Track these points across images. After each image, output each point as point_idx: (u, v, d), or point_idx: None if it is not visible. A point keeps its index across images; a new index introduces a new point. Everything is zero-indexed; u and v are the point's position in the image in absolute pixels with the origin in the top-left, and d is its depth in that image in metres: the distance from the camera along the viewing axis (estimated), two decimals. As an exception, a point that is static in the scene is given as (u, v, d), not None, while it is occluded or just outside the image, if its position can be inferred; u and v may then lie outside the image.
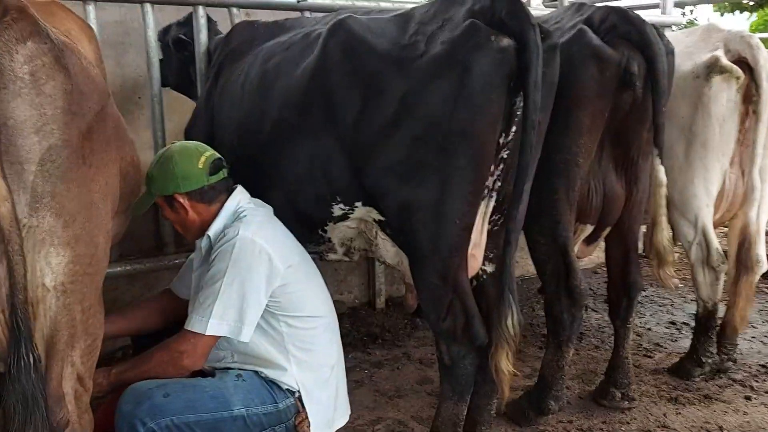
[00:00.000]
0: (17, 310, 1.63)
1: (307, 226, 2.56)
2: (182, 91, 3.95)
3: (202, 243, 2.26)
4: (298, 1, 3.52)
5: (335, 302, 4.32)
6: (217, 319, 2.07)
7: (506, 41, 2.15)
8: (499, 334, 2.23)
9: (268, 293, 2.14)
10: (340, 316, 4.20)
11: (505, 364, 2.22)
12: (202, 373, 2.21)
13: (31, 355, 1.66)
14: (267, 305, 2.16)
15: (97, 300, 1.89)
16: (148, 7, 3.37)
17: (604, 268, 4.02)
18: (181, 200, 2.22)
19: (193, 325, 2.08)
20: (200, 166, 2.22)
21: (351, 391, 3.29)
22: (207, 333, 2.06)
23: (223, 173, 2.29)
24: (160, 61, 3.57)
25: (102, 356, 1.94)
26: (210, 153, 2.28)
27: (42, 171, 1.64)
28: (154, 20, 3.41)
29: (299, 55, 2.48)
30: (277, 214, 2.43)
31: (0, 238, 1.58)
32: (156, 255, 3.72)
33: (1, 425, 1.67)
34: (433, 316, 2.37)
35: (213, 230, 2.23)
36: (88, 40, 2.16)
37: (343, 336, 3.23)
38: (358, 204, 2.44)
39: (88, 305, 1.83)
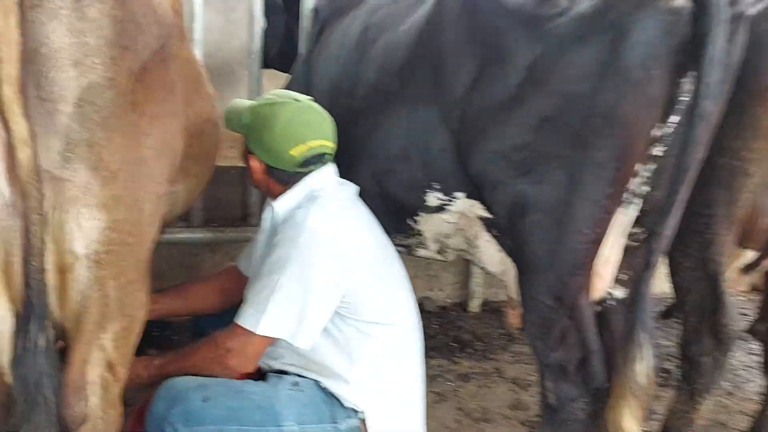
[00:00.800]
0: (32, 281, 1.35)
1: (394, 214, 2.17)
2: (284, 67, 3.60)
3: (266, 214, 1.92)
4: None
5: (423, 299, 4.00)
6: (272, 317, 1.73)
7: (680, 1, 1.64)
8: (624, 382, 1.75)
9: (338, 294, 1.78)
10: (427, 316, 3.88)
11: (629, 423, 1.73)
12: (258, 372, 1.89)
13: (42, 336, 1.38)
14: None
15: (139, 276, 1.60)
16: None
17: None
18: (256, 164, 1.89)
19: (245, 319, 1.75)
20: (293, 153, 1.85)
21: (431, 405, 2.92)
22: (258, 332, 1.73)
23: (315, 167, 1.93)
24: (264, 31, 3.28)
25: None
26: (318, 143, 1.89)
27: (78, 114, 1.35)
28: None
29: (409, 8, 2.08)
30: (362, 195, 2.06)
31: (17, 190, 1.30)
32: (241, 225, 3.50)
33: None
34: (540, 345, 1.92)
35: (281, 205, 1.88)
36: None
37: (427, 338, 2.83)
38: (460, 195, 2.02)
39: (126, 281, 1.54)
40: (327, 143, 1.92)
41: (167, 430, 1.66)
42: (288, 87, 2.78)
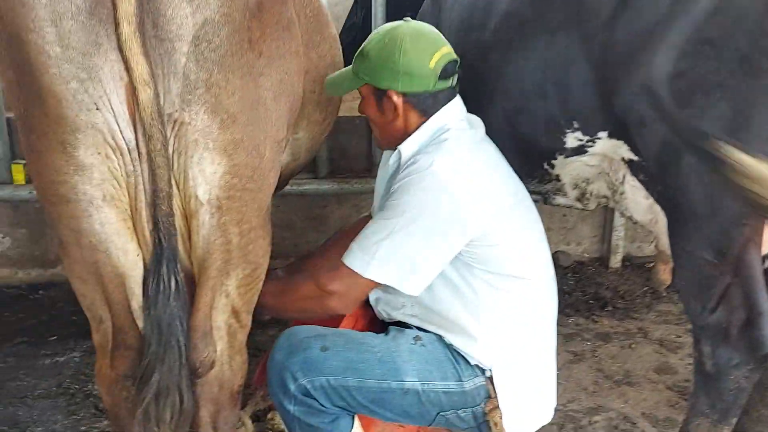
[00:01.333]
0: (159, 223, 1.36)
1: (529, 157, 1.99)
2: None
3: (391, 159, 1.81)
4: None
5: (559, 253, 3.77)
6: (382, 262, 1.62)
7: None
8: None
9: (457, 245, 1.65)
10: (564, 271, 3.66)
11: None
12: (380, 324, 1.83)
13: (173, 278, 1.40)
14: (460, 254, 1.67)
15: (261, 223, 1.57)
16: None
17: None
18: (395, 99, 1.73)
19: (353, 261, 1.65)
20: (431, 65, 1.70)
21: (567, 365, 2.77)
22: (365, 275, 1.63)
23: (452, 81, 1.77)
24: None
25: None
26: (447, 50, 1.74)
27: (195, 53, 1.31)
28: None
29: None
30: (492, 136, 1.89)
31: (141, 133, 1.30)
32: (367, 176, 3.47)
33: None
34: (695, 304, 1.69)
35: (406, 147, 1.75)
36: None
37: (564, 294, 2.63)
38: (603, 135, 1.81)
39: (248, 228, 1.52)
40: (451, 49, 1.76)
41: (287, 378, 1.65)
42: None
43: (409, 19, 1.81)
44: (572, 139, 1.87)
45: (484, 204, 1.65)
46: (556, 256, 3.57)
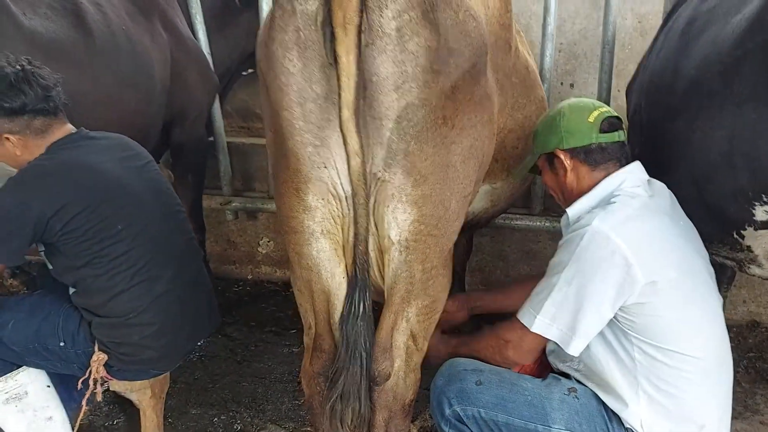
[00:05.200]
0: (358, 259, 1.77)
1: (717, 224, 2.01)
2: None
3: (562, 221, 2.01)
4: None
5: (749, 322, 3.46)
6: (546, 318, 1.83)
7: None
8: None
9: (616, 306, 1.78)
10: (757, 343, 3.35)
11: None
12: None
13: (362, 304, 1.80)
14: (617, 320, 1.80)
15: (442, 263, 1.90)
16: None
17: None
18: (562, 157, 1.97)
19: (523, 315, 1.89)
20: (590, 120, 1.94)
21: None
22: (532, 329, 1.86)
23: (619, 135, 1.96)
24: None
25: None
26: (605, 109, 1.98)
27: (398, 128, 1.69)
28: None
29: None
30: (679, 199, 1.98)
31: (349, 189, 1.72)
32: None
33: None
34: None
35: (574, 208, 1.95)
36: (498, -16, 2.08)
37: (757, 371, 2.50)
38: (797, 210, 1.79)
39: (430, 266, 1.86)
40: (611, 109, 1.98)
41: (443, 403, 1.94)
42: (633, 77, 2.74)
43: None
44: (762, 213, 1.87)
45: (646, 270, 1.75)
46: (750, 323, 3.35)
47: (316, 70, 1.66)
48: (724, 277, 2.86)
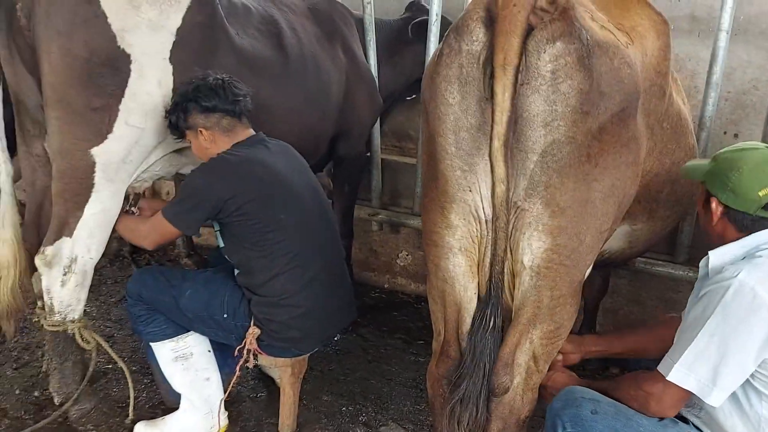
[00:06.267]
0: (493, 278, 1.92)
1: None
2: None
3: (702, 262, 2.00)
4: None
5: None
6: (684, 367, 1.83)
7: None
8: None
9: (759, 359, 1.76)
10: None
11: None
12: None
13: (492, 320, 1.94)
14: (753, 374, 1.78)
15: (571, 292, 2.00)
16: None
17: None
18: (714, 206, 1.97)
19: (663, 366, 1.90)
20: (760, 194, 1.89)
21: None
22: (668, 378, 1.86)
23: None
24: None
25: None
26: None
27: (542, 162, 1.83)
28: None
29: None
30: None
31: (492, 213, 1.88)
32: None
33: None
34: None
35: (718, 257, 1.93)
36: (657, 36, 2.14)
37: None
38: None
39: (559, 294, 1.96)
40: None
41: (557, 425, 1.99)
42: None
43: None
44: None
45: None
46: None
47: (473, 103, 1.85)
48: None
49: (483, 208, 1.93)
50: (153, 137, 2.62)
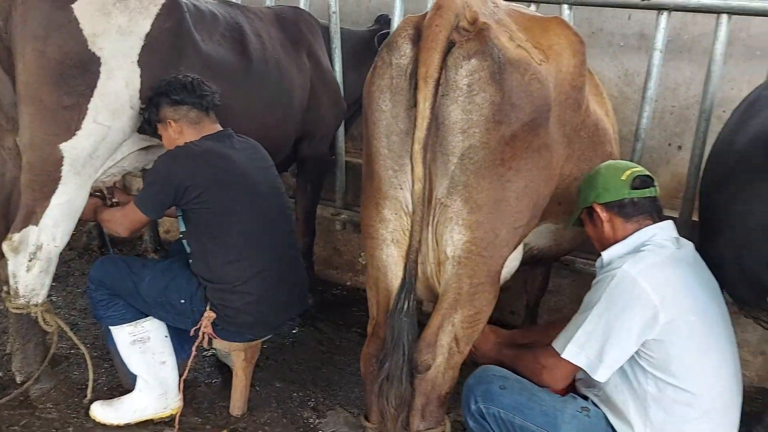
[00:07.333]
0: (408, 266, 2.20)
1: (752, 288, 2.23)
2: None
3: (597, 263, 2.31)
4: None
5: None
6: (576, 346, 2.13)
7: None
8: None
9: (640, 341, 2.05)
10: None
11: None
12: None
13: (406, 302, 2.21)
14: (638, 354, 2.08)
15: (489, 281, 2.27)
16: (724, 18, 3.31)
17: None
18: (599, 210, 2.29)
19: (556, 343, 2.20)
20: (623, 178, 2.26)
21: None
22: (562, 356, 2.16)
23: (650, 192, 2.25)
24: None
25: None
26: (638, 169, 2.29)
27: (461, 164, 2.12)
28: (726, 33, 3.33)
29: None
30: (722, 265, 2.23)
31: (411, 209, 2.16)
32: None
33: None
34: None
35: (608, 253, 2.24)
36: (573, 54, 2.43)
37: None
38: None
39: (477, 282, 2.24)
40: (644, 169, 2.27)
41: (470, 399, 2.29)
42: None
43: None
44: (792, 284, 2.08)
45: (667, 312, 2.03)
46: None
47: (402, 111, 2.13)
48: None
49: (412, 203, 2.21)
50: (119, 135, 2.87)
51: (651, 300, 2.05)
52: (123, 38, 2.76)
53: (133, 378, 2.99)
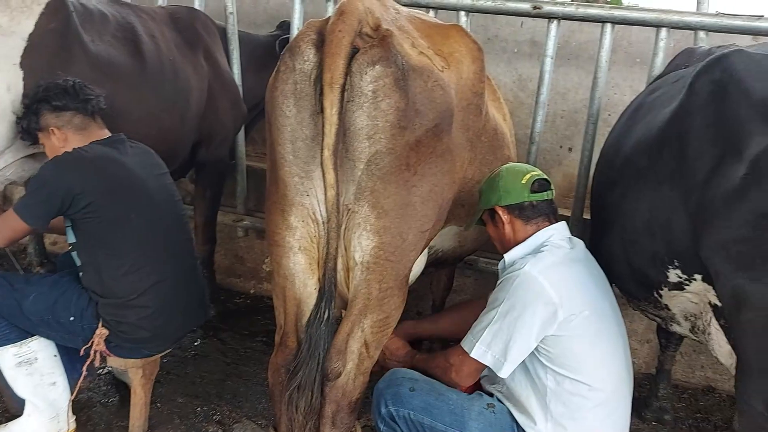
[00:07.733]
0: (327, 274, 2.20)
1: (641, 283, 2.40)
2: None
3: (499, 265, 2.41)
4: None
5: (704, 386, 3.77)
6: (483, 345, 2.21)
7: None
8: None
9: (540, 337, 2.16)
10: (707, 406, 3.61)
11: None
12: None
13: (327, 312, 2.20)
14: (537, 350, 2.19)
15: (398, 285, 2.30)
16: (608, 27, 3.53)
17: None
18: (500, 212, 2.38)
19: (464, 342, 2.28)
20: (523, 181, 2.36)
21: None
22: (471, 355, 2.24)
23: (548, 195, 2.37)
24: None
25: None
26: (536, 172, 2.41)
27: (367, 170, 2.13)
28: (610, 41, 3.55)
29: (675, 92, 2.30)
30: (612, 261, 2.37)
31: (326, 216, 2.16)
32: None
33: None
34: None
35: (510, 255, 2.35)
36: (472, 61, 2.51)
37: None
38: (698, 277, 2.16)
39: (386, 287, 2.26)
40: (542, 173, 2.39)
41: (381, 403, 2.34)
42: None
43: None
44: (673, 275, 2.24)
45: (565, 308, 2.14)
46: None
47: (307, 116, 2.12)
48: (672, 339, 3.22)
49: (320, 211, 2.20)
50: (1, 142, 2.69)
51: (551, 298, 2.15)
52: (4, 39, 2.59)
53: (20, 401, 2.79)
